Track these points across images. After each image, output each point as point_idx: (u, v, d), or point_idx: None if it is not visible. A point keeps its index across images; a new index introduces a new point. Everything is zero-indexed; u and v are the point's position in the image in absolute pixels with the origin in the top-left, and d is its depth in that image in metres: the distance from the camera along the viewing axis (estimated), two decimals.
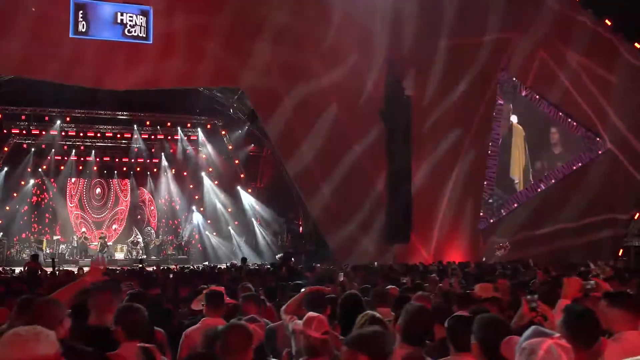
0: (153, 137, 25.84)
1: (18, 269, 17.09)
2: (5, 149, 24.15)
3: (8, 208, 24.63)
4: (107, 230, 26.32)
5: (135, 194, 27.05)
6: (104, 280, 4.48)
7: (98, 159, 26.19)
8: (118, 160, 26.58)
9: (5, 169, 24.40)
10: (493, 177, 21.85)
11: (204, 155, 26.38)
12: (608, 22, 20.63)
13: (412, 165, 20.72)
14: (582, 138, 21.40)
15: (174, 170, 26.71)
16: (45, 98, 22.02)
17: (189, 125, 25.89)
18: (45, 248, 24.20)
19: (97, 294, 4.14)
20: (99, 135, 25.37)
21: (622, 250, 20.90)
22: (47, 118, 24.01)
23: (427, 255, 20.72)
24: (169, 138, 26.09)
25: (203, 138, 25.85)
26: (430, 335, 4.01)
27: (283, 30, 19.35)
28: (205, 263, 21.19)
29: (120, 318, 3.67)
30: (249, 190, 25.54)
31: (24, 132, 24.31)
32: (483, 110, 21.67)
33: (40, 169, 25.31)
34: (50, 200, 25.89)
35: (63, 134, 24.63)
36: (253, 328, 3.47)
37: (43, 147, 25.00)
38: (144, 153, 26.03)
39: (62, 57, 18.21)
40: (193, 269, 16.03)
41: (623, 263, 16.69)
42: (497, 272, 11.44)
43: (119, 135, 25.62)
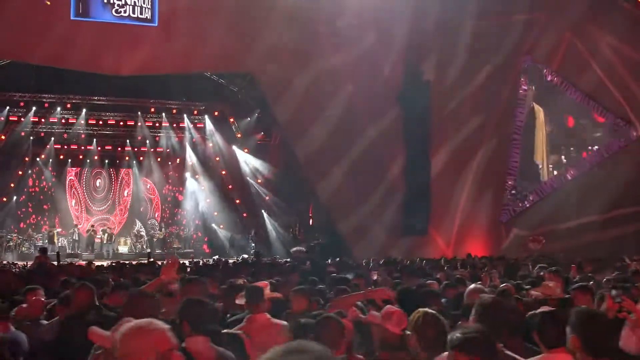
0: (157, 124, 24.72)
1: (21, 263, 16.26)
2: (3, 137, 23.03)
3: (5, 199, 23.58)
4: (108, 223, 25.35)
5: (138, 185, 26.03)
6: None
7: (99, 148, 25.15)
8: (120, 149, 25.54)
9: (3, 158, 23.29)
10: (516, 166, 20.87)
11: (211, 144, 25.31)
12: None
13: (430, 154, 19.83)
14: (611, 125, 20.36)
15: (179, 160, 25.64)
16: (45, 84, 21.11)
17: (196, 113, 24.80)
18: (57, 241, 23.20)
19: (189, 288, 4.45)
20: (101, 123, 24.27)
21: None
22: (46, 105, 22.95)
23: (445, 249, 19.92)
24: (175, 126, 24.97)
25: (210, 126, 24.76)
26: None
27: (294, 9, 18.32)
28: (215, 257, 20.19)
29: (186, 312, 3.60)
30: (259, 181, 24.48)
31: (22, 119, 23.19)
32: (506, 96, 20.72)
33: (39, 159, 24.27)
34: (49, 191, 24.86)
35: (63, 122, 23.52)
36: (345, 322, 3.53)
37: (42, 135, 23.94)
38: (148, 141, 24.92)
39: (62, 40, 17.41)
40: (207, 263, 15.10)
41: None
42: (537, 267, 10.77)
43: (122, 123, 24.50)
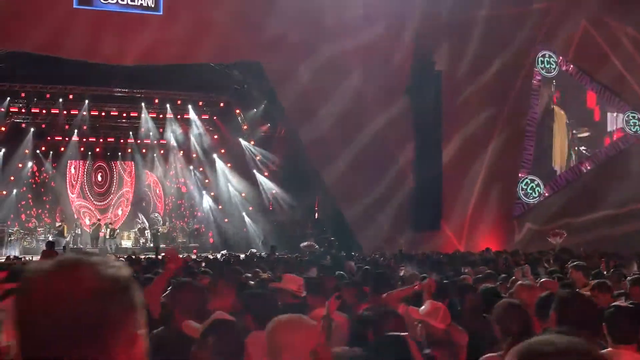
0: (161, 116, 24.10)
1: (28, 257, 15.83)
2: (3, 129, 22.46)
3: (5, 192, 23.08)
4: (111, 216, 24.88)
5: (141, 178, 25.52)
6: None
7: (101, 140, 24.60)
8: (123, 141, 24.96)
9: (3, 151, 22.75)
10: (530, 159, 20.44)
11: (216, 136, 24.77)
12: None
13: (441, 146, 19.42)
14: (628, 117, 19.93)
15: (183, 152, 25.14)
16: (46, 74, 20.48)
17: (201, 104, 24.15)
18: (67, 235, 22.73)
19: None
20: (103, 114, 23.67)
21: None
22: (48, 95, 22.32)
23: (457, 243, 19.56)
24: (179, 117, 24.37)
25: (215, 117, 24.18)
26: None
27: None
28: (224, 252, 19.71)
29: (251, 305, 3.55)
30: (266, 174, 23.96)
31: (23, 110, 22.62)
32: (519, 87, 20.29)
33: (39, 151, 23.73)
34: (50, 184, 24.37)
35: (65, 113, 22.95)
36: None
37: (43, 126, 23.39)
38: (151, 133, 24.38)
39: (63, 29, 16.95)
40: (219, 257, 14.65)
41: None
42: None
43: (125, 114, 23.91)
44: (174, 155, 25.24)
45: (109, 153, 25.08)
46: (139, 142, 24.87)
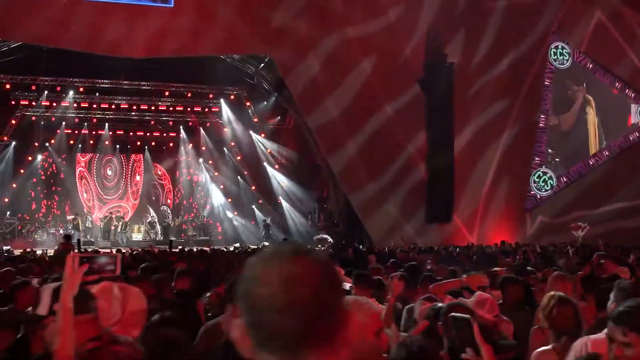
0: (171, 108, 24.01)
1: (39, 251, 15.76)
2: (13, 122, 22.41)
3: (15, 185, 23.05)
4: (120, 209, 24.85)
5: (151, 171, 25.47)
6: None
7: (111, 133, 24.53)
8: (133, 134, 24.91)
9: (14, 144, 22.71)
10: (543, 151, 20.31)
11: (226, 128, 24.71)
12: None
13: (453, 138, 19.31)
14: None
15: (193, 145, 25.07)
16: (57, 67, 20.44)
17: (211, 97, 24.09)
18: (82, 228, 22.69)
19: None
20: (113, 107, 23.61)
21: None
22: (58, 88, 22.26)
23: (469, 236, 19.46)
24: (189, 110, 24.31)
25: (226, 110, 24.10)
26: None
27: None
28: (236, 244, 19.66)
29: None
30: (276, 167, 23.87)
31: (34, 103, 22.56)
32: (533, 78, 20.13)
33: (48, 144, 23.69)
34: (59, 177, 24.32)
35: (75, 106, 22.89)
36: None
37: (53, 119, 23.34)
38: (161, 126, 24.30)
39: (74, 22, 16.95)
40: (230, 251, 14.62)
41: None
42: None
43: (135, 107, 23.84)
44: (184, 148, 25.17)
45: (119, 146, 25.02)
46: (149, 135, 24.80)
